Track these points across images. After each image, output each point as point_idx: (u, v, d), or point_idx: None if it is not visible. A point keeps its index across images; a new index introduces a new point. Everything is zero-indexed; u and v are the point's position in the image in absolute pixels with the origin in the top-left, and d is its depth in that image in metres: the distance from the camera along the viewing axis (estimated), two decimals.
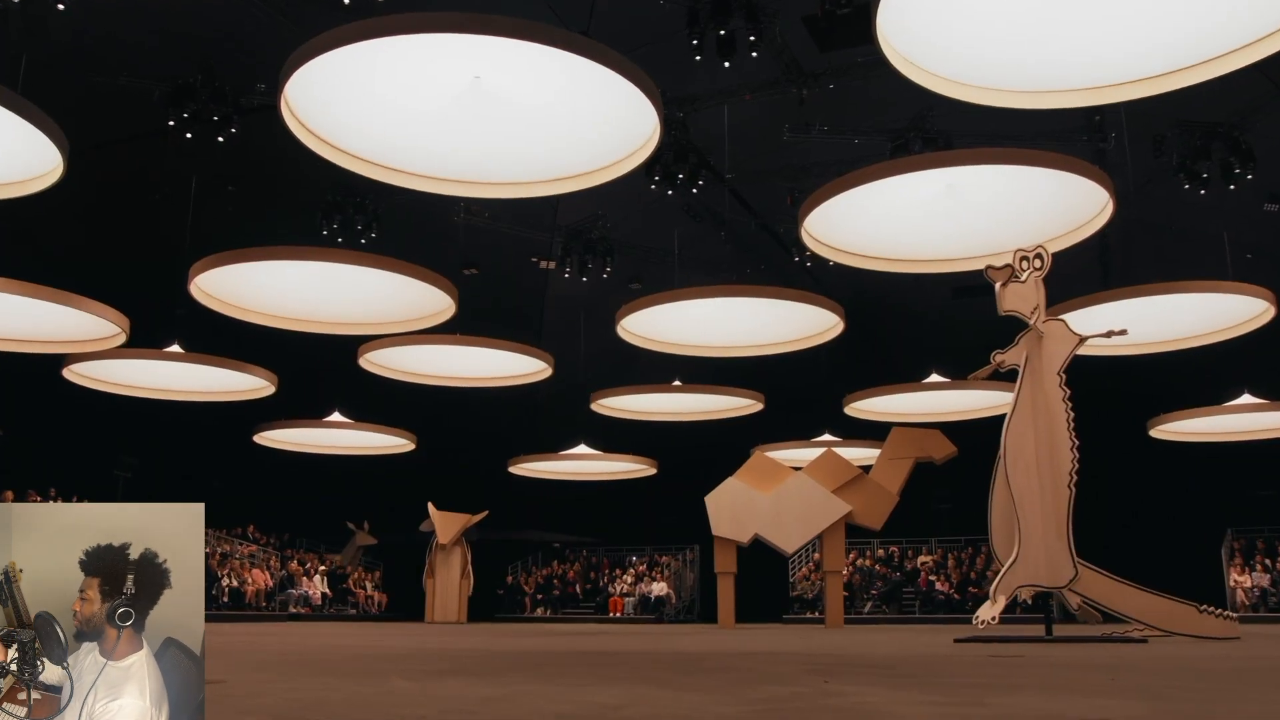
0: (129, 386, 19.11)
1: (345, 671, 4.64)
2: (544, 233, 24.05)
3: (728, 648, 7.80)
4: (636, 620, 23.49)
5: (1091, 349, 13.64)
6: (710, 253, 24.11)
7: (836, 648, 7.76)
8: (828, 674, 4.34)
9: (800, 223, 12.52)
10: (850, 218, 12.81)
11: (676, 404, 21.42)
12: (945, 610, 20.58)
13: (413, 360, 18.18)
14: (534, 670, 4.72)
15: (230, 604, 19.08)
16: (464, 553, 20.52)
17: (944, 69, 9.80)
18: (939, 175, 11.71)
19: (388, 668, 4.92)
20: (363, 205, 21.18)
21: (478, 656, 6.14)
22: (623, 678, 4.16)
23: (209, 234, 17.91)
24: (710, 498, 17.03)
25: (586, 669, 4.86)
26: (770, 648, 7.71)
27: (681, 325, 17.32)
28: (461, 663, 5.41)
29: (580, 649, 7.45)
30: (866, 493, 16.59)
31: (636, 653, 6.77)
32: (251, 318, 15.21)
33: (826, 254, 13.26)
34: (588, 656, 6.16)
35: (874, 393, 19.00)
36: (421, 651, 6.91)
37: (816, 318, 16.58)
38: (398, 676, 4.26)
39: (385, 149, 10.86)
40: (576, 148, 10.75)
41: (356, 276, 14.18)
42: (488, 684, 3.85)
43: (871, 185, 11.77)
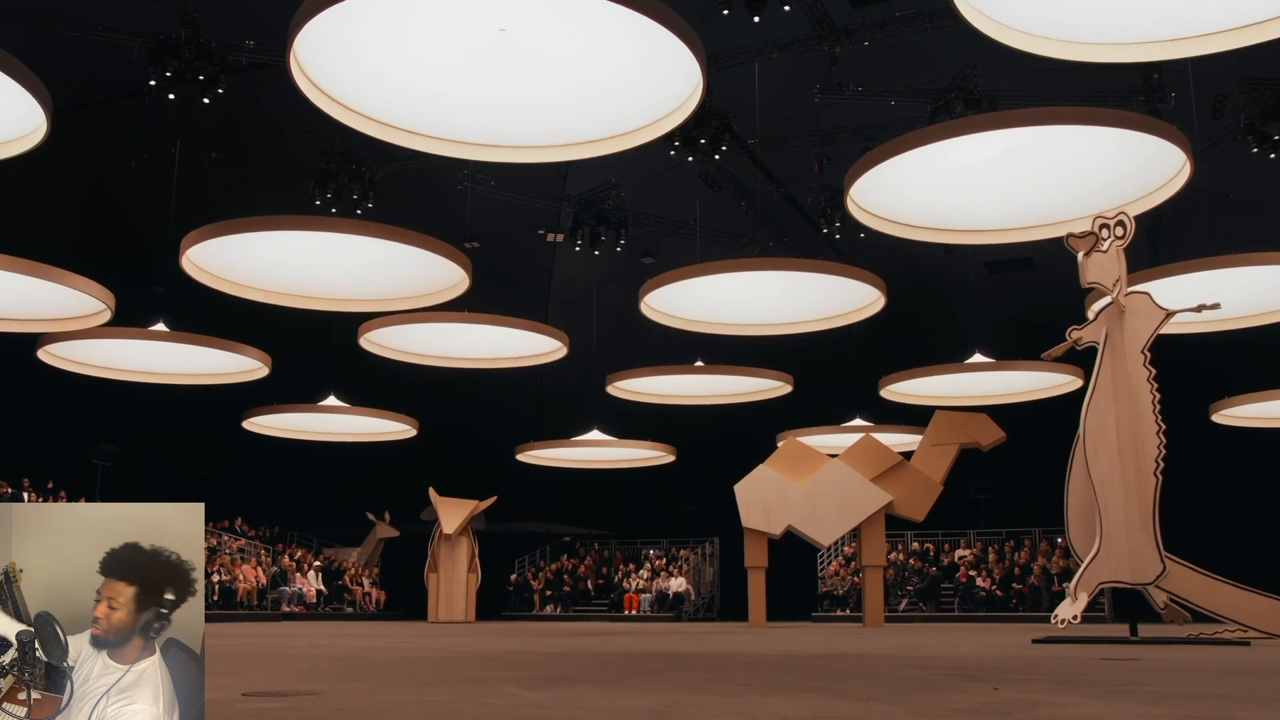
0: (109, 369, 18.92)
1: (440, 679, 4.50)
2: (551, 203, 23.82)
3: (800, 649, 7.65)
4: (654, 618, 23.39)
5: None
6: (729, 224, 23.89)
7: (915, 649, 7.62)
8: (969, 677, 4.21)
9: (846, 190, 12.30)
10: (897, 184, 12.60)
11: (698, 386, 21.23)
12: (986, 608, 20.45)
13: (417, 340, 17.97)
14: (656, 676, 4.60)
15: (221, 602, 18.94)
16: (471, 544, 20.05)
17: (1007, 19, 9.56)
18: (998, 138, 11.48)
19: (484, 674, 4.78)
20: (358, 173, 20.94)
21: (557, 660, 6.02)
22: (777, 685, 4.05)
23: (191, 205, 17.69)
24: (740, 487, 16.87)
25: (720, 674, 4.76)
26: (843, 649, 7.57)
27: (704, 302, 17.12)
28: (557, 668, 5.27)
29: (658, 651, 7.35)
30: (908, 481, 16.43)
31: (732, 655, 6.67)
32: (246, 293, 14.99)
33: (872, 224, 13.04)
34: (684, 659, 6.07)
35: (913, 374, 18.82)
36: (481, 655, 6.77)
37: (854, 293, 16.37)
38: (510, 685, 4.14)
39: (400, 109, 10.62)
40: (608, 108, 10.51)
41: (361, 249, 13.96)
42: (618, 692, 3.76)
43: (922, 149, 11.57)
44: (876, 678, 4.43)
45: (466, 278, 14.03)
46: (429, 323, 16.51)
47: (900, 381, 19.37)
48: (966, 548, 23.09)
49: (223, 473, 24.57)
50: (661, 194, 23.77)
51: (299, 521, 26.42)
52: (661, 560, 25.49)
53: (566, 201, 23.60)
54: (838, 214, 22.08)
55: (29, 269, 13.24)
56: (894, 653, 7.04)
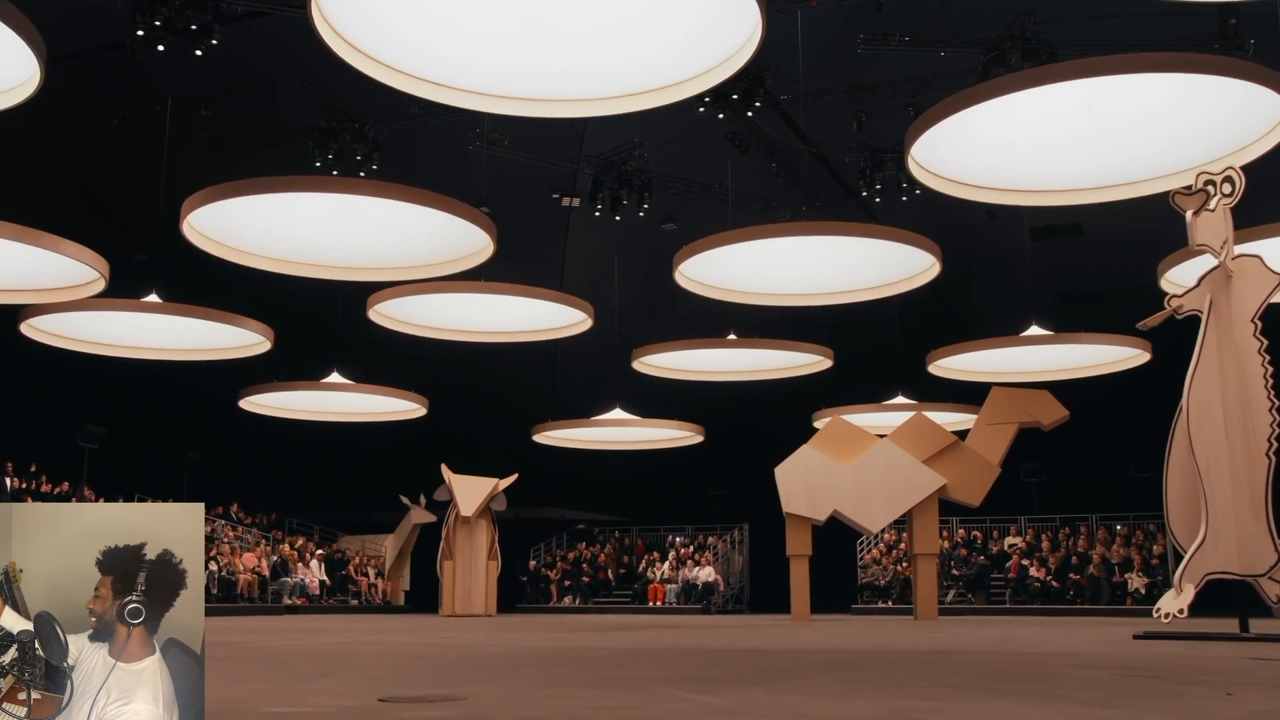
0: (97, 344, 18.69)
1: (581, 681, 4.51)
2: (569, 164, 23.56)
3: (897, 645, 7.49)
4: (682, 610, 23.25)
5: None
6: (757, 188, 23.62)
7: (1021, 644, 7.50)
8: (1169, 679, 4.06)
9: (908, 147, 12.02)
10: (962, 141, 12.32)
11: (730, 361, 21.00)
12: (1041, 600, 20.29)
13: (430, 312, 17.74)
14: (808, 675, 4.54)
15: (221, 595, 18.80)
16: (490, 528, 19.44)
17: None
18: (1077, 89, 11.20)
19: (617, 674, 4.74)
20: (361, 132, 20.70)
21: (665, 657, 5.94)
22: (971, 687, 4.01)
23: (180, 167, 17.45)
24: (781, 470, 16.71)
25: (881, 672, 4.76)
26: (946, 645, 7.43)
27: (739, 270, 16.88)
28: (683, 666, 5.22)
29: (755, 647, 7.29)
30: (963, 463, 16.27)
31: (840, 652, 6.55)
32: (252, 261, 14.75)
33: (935, 185, 12.77)
34: (811, 656, 6.02)
35: (965, 348, 18.56)
36: (576, 652, 6.74)
37: (904, 261, 16.12)
38: (662, 686, 4.13)
39: (424, 59, 10.36)
40: (655, 55, 10.25)
41: (373, 213, 13.73)
42: (799, 695, 3.70)
43: (989, 104, 11.30)
44: (1065, 679, 4.33)
45: (490, 243, 13.78)
46: (448, 293, 16.25)
47: (950, 356, 19.12)
48: (1017, 535, 22.92)
49: (217, 456, 24.44)
50: (682, 155, 23.50)
51: (298, 508, 26.29)
52: (688, 548, 25.34)
53: (585, 163, 23.35)
54: (878, 175, 21.85)
55: (15, 234, 12.97)
56: (1009, 649, 6.95)
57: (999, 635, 9.47)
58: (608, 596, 25.07)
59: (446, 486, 19.74)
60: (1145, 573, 19.84)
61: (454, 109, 19.61)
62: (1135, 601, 19.43)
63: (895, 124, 20.88)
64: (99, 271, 13.92)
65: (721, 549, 25.19)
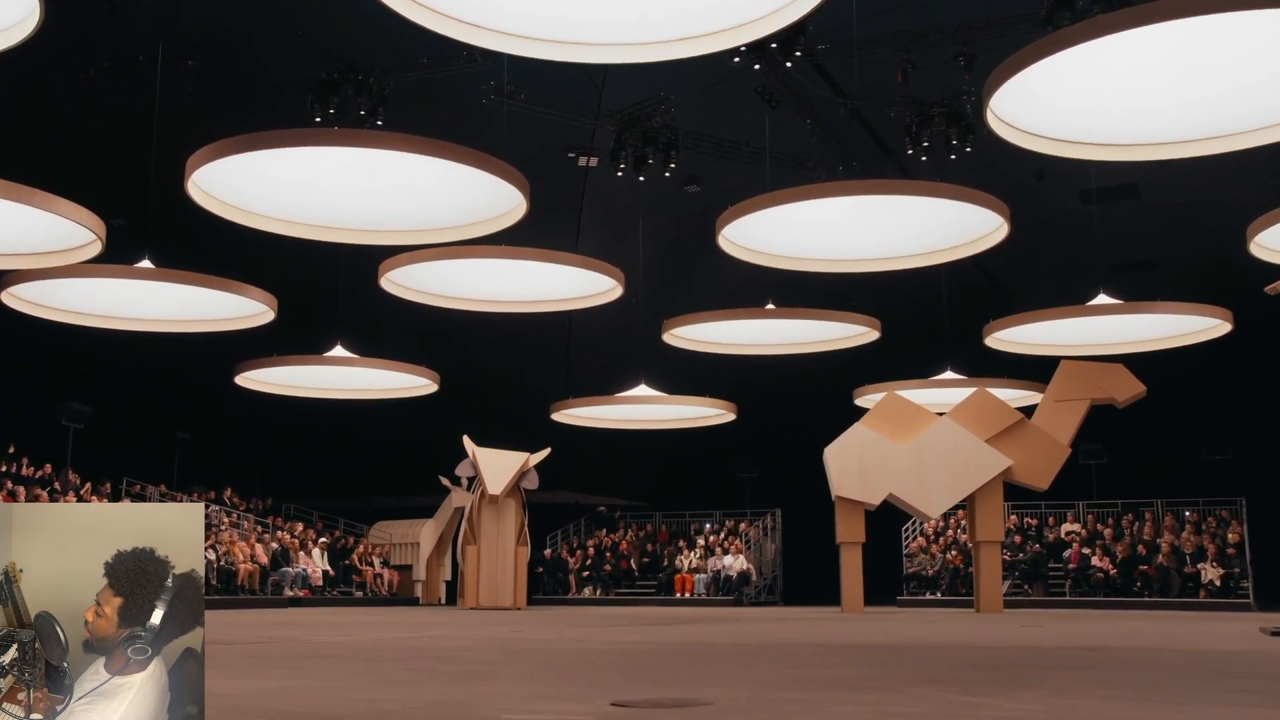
0: (84, 314, 18.44)
1: (819, 681, 4.44)
2: (587, 120, 23.27)
3: (1016, 641, 7.30)
4: (713, 602, 23.07)
5: None
6: (788, 146, 23.34)
7: (1144, 638, 7.33)
8: None
9: (986, 100, 11.73)
10: (1041, 93, 12.05)
11: (767, 334, 20.76)
12: (1104, 592, 20.06)
13: (447, 280, 17.48)
14: (1036, 676, 4.54)
15: (221, 587, 18.59)
16: (520, 509, 18.03)
17: None
18: (1174, 30, 10.92)
19: (783, 674, 4.72)
20: (365, 84, 20.42)
21: (789, 652, 6.10)
22: (1177, 690, 4.00)
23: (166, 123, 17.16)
24: (832, 450, 16.49)
25: (1057, 672, 4.85)
26: (1064, 641, 7.28)
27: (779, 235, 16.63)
28: (891, 664, 5.25)
29: (858, 642, 7.36)
30: (1029, 443, 16.05)
31: (977, 649, 6.57)
32: (260, 224, 14.47)
33: (1015, 139, 12.50)
34: (954, 653, 6.09)
35: (1026, 318, 18.29)
36: (687, 647, 6.54)
37: (965, 224, 15.86)
38: (918, 687, 4.10)
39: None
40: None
41: (396, 170, 13.46)
42: (1063, 695, 3.76)
43: (1073, 51, 11.02)
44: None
45: (524, 203, 13.50)
46: (470, 258, 15.99)
47: (1008, 328, 18.88)
48: (1075, 521, 22.72)
49: (209, 436, 24.26)
50: (707, 112, 23.21)
51: (296, 493, 26.11)
52: (716, 536, 25.15)
53: (606, 118, 23.06)
54: (925, 132, 21.60)
55: (4, 191, 12.70)
56: (1168, 645, 6.76)
57: (1121, 630, 9.31)
58: (630, 587, 24.90)
59: (470, 461, 18.42)
60: (1220, 563, 19.61)
61: (466, 59, 19.51)
62: (1210, 594, 19.23)
63: (943, 75, 20.64)
64: (95, 233, 13.60)
65: (754, 536, 25.01)
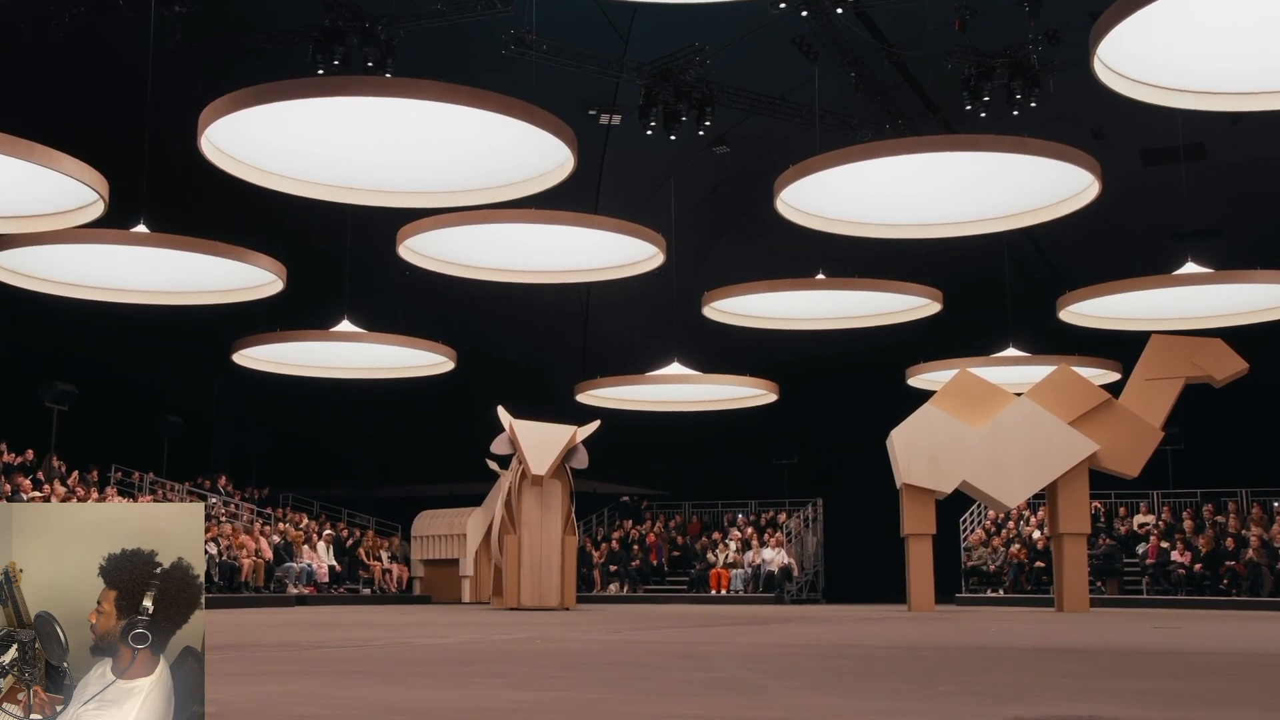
0: (71, 284, 18.11)
1: None
2: (610, 74, 22.95)
3: (1142, 644, 7.02)
4: (752, 600, 22.79)
5: None
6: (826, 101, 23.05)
7: None
8: None
9: (1093, 46, 11.37)
10: (1152, 40, 11.72)
11: (815, 307, 20.47)
12: (1186, 589, 19.73)
13: (470, 247, 17.15)
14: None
15: (224, 584, 18.31)
16: (567, 493, 16.49)
17: None
18: None
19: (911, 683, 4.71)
20: (372, 33, 20.18)
21: (905, 659, 5.91)
22: None
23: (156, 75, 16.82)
24: (899, 433, 16.20)
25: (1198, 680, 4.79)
26: (1222, 647, 6.99)
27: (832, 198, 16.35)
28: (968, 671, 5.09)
29: (967, 644, 7.26)
30: (1117, 425, 15.75)
31: (1094, 651, 6.51)
32: (274, 184, 14.11)
33: (1126, 89, 12.15)
34: (1081, 654, 6.20)
35: (1107, 289, 17.96)
36: (811, 651, 6.56)
37: (1041, 185, 15.53)
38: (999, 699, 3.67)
39: None
40: None
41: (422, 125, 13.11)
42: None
43: None
44: None
45: (570, 159, 13.10)
46: (500, 223, 15.65)
47: (1084, 300, 18.58)
48: (1149, 512, 22.44)
49: (203, 420, 24.06)
50: (739, 65, 22.90)
51: (295, 481, 25.96)
52: (750, 528, 24.88)
53: (632, 73, 22.74)
54: (986, 85, 21.37)
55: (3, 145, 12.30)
56: None
57: (1245, 632, 8.99)
58: (660, 583, 24.66)
59: (506, 437, 16.60)
60: None
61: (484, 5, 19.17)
62: None
63: (1003, 24, 20.30)
64: (98, 192, 13.18)
65: (794, 528, 24.73)
